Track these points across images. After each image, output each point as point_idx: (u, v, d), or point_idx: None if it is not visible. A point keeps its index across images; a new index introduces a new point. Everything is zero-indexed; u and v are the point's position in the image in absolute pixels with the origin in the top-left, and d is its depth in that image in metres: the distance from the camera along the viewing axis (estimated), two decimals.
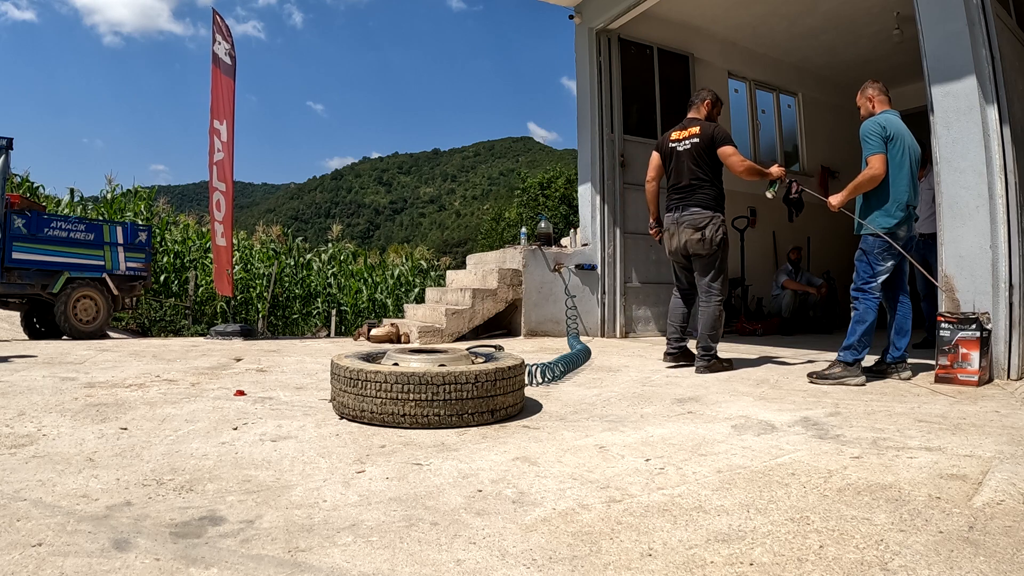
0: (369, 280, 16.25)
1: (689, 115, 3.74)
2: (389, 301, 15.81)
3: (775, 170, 3.59)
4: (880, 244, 3.10)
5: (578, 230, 6.29)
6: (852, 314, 3.16)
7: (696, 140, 3.58)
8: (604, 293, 6.00)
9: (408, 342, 5.45)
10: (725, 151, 3.53)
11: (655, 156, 3.83)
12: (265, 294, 13.83)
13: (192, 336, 9.35)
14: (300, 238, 18.86)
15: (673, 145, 3.68)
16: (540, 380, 3.09)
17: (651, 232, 4.06)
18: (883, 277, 3.13)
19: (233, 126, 5.91)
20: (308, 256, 16.39)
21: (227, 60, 5.91)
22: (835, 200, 3.28)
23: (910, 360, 3.29)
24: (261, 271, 14.29)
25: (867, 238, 3.17)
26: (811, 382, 3.13)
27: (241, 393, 2.70)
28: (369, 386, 2.13)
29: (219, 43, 5.95)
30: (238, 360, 3.94)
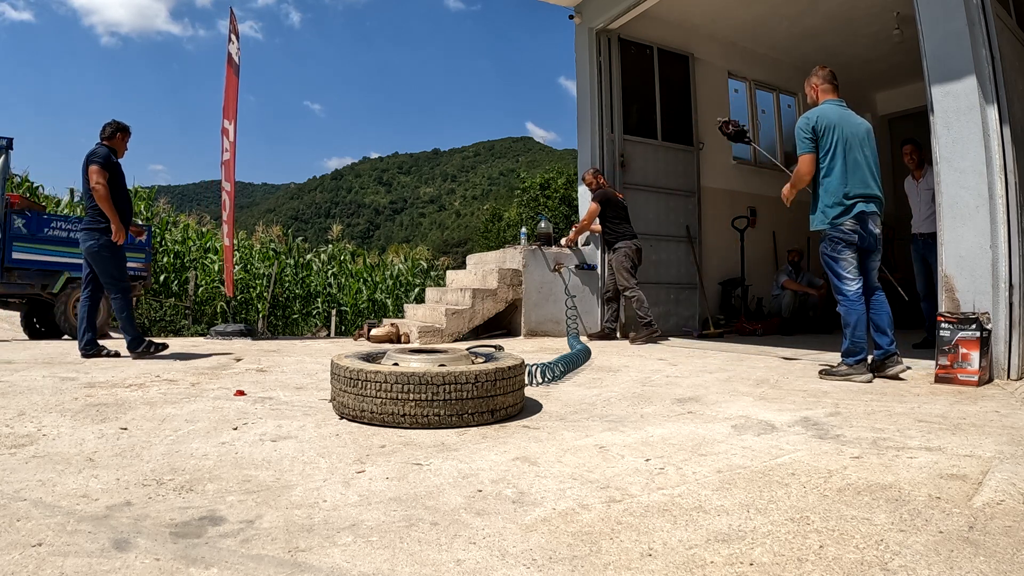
0: (369, 280, 16.26)
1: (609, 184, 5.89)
2: (389, 301, 15.82)
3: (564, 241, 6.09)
4: (827, 241, 3.19)
5: None
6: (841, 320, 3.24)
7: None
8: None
9: (408, 342, 5.45)
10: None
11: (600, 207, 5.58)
12: (265, 294, 13.83)
13: (192, 336, 9.36)
14: (300, 238, 18.87)
15: (621, 199, 5.68)
16: (540, 380, 3.09)
17: (570, 240, 6.05)
18: (848, 269, 3.13)
19: (236, 125, 5.93)
20: (308, 256, 16.39)
21: (236, 59, 5.92)
22: (784, 191, 3.42)
23: (909, 360, 3.29)
24: (261, 271, 14.30)
25: (821, 240, 3.25)
26: (821, 377, 3.24)
27: (241, 393, 2.70)
28: (369, 386, 2.13)
29: (232, 42, 5.97)
30: (238, 360, 3.94)
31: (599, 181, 5.72)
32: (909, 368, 3.18)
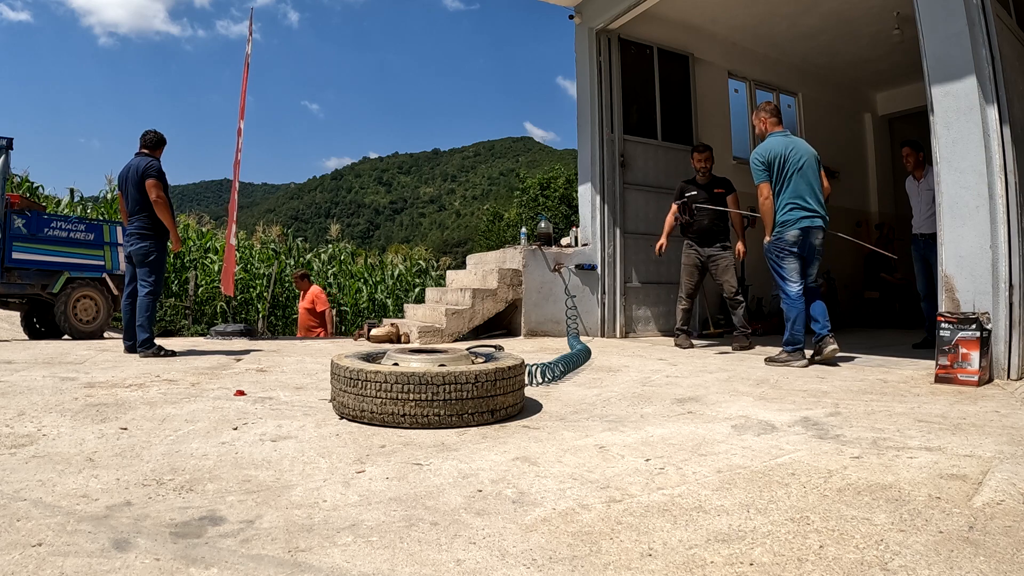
0: (369, 280, 16.25)
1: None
2: (389, 301, 15.81)
3: None
4: (772, 248, 3.70)
5: (578, 230, 6.29)
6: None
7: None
8: (604, 293, 6.00)
9: (408, 342, 5.45)
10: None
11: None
12: (265, 294, 13.83)
13: (192, 336, 9.36)
14: (300, 238, 18.86)
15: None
16: (540, 380, 3.09)
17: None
18: (791, 272, 3.64)
19: (243, 125, 5.96)
20: (308, 256, 16.39)
21: (249, 60, 5.97)
22: (767, 239, 3.78)
23: (909, 360, 3.37)
24: (261, 271, 14.30)
25: (766, 247, 3.77)
26: (767, 364, 3.69)
27: (241, 393, 2.70)
28: (369, 386, 2.13)
29: (249, 42, 6.01)
30: (238, 360, 3.94)
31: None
32: (836, 348, 3.63)
